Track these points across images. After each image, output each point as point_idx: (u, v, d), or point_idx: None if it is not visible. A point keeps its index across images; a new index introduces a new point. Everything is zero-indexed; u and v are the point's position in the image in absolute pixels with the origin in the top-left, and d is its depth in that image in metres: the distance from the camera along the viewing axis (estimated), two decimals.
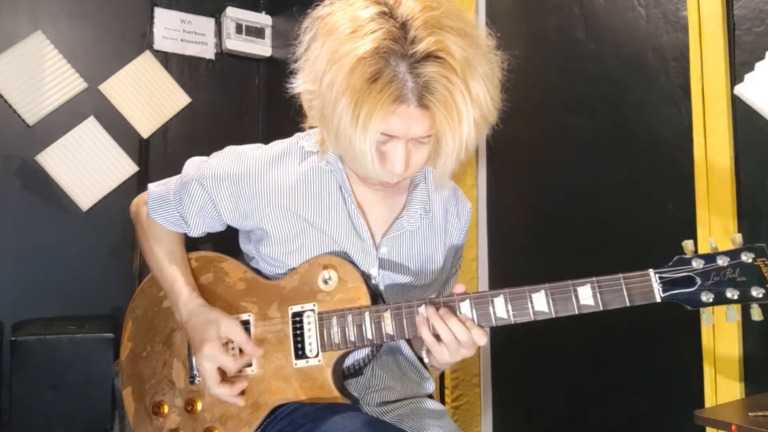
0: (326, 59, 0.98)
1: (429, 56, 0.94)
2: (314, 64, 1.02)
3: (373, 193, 1.19)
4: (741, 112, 1.48)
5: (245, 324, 1.18)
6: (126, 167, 3.29)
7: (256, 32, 3.65)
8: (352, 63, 0.94)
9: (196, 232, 1.28)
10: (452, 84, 0.94)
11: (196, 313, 1.16)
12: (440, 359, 1.06)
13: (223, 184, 1.19)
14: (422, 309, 1.06)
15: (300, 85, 1.07)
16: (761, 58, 1.44)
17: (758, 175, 1.46)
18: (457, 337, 1.02)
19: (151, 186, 1.32)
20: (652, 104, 1.72)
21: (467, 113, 0.96)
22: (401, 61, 0.94)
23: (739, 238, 0.97)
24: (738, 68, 1.49)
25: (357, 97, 0.94)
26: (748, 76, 1.45)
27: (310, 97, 1.05)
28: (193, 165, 1.27)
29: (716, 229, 1.50)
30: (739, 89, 1.46)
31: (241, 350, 1.14)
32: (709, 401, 1.51)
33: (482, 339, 1.04)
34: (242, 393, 1.14)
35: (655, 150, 1.71)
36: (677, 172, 1.62)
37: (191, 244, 1.33)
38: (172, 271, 1.24)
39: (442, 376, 2.34)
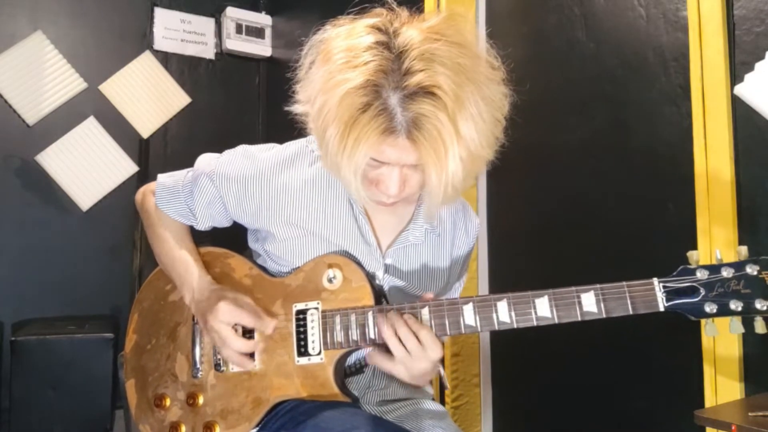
0: (319, 87, 0.99)
1: (420, 90, 0.93)
2: (309, 89, 1.03)
3: None
4: (741, 112, 1.49)
5: None
6: (126, 167, 3.30)
7: (256, 32, 3.65)
8: (342, 93, 0.94)
9: (202, 225, 1.30)
10: (440, 122, 0.93)
11: (209, 290, 1.18)
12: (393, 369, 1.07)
13: (231, 183, 1.20)
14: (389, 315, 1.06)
15: (298, 107, 1.08)
16: (761, 58, 1.44)
17: (758, 176, 1.46)
18: (407, 348, 1.03)
19: (160, 176, 1.34)
20: (652, 104, 1.72)
21: (453, 152, 0.94)
22: (393, 93, 0.93)
23: (744, 250, 0.96)
24: (738, 68, 1.49)
25: (344, 126, 0.94)
26: (748, 76, 1.46)
27: (307, 119, 1.07)
28: (205, 160, 1.28)
29: (716, 229, 1.50)
30: (739, 89, 1.47)
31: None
32: (709, 401, 1.51)
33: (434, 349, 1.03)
34: (252, 358, 1.15)
35: (654, 150, 1.71)
36: (677, 172, 1.62)
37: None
38: (183, 255, 1.26)
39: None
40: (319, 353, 1.12)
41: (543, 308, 1.02)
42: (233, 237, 1.35)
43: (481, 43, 1.03)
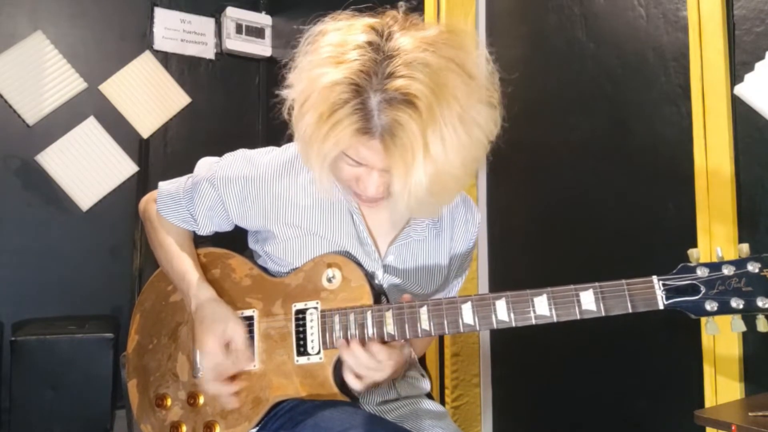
0: (303, 76, 1.00)
1: (399, 96, 0.92)
2: (295, 77, 1.04)
3: None
4: (741, 112, 1.49)
5: (249, 319, 1.19)
6: (126, 167, 3.29)
7: (256, 32, 3.65)
8: (321, 88, 0.95)
9: (204, 230, 1.30)
10: (412, 133, 0.92)
11: (206, 306, 1.18)
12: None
13: (232, 186, 1.21)
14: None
15: (284, 91, 1.08)
16: (761, 58, 1.44)
17: (758, 175, 1.46)
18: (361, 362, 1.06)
19: (161, 184, 1.34)
20: (652, 104, 1.72)
21: (419, 166, 0.94)
22: (373, 94, 0.93)
23: (746, 247, 0.95)
24: (738, 68, 1.49)
25: (320, 117, 0.95)
26: (748, 76, 1.46)
27: (290, 104, 1.07)
28: (205, 165, 1.28)
29: (716, 229, 1.50)
30: (739, 89, 1.47)
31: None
32: (709, 401, 1.51)
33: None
34: (237, 394, 1.16)
35: (655, 150, 1.71)
36: (677, 172, 1.62)
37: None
38: (181, 264, 1.26)
39: (442, 376, 2.34)
40: (319, 353, 1.12)
41: (542, 307, 1.01)
42: (233, 238, 1.35)
43: (479, 62, 1.01)
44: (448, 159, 0.95)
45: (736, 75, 1.50)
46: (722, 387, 1.49)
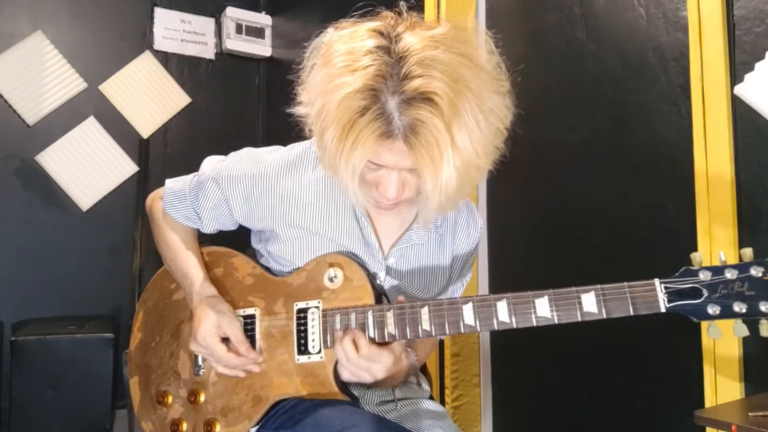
0: (319, 90, 1.00)
1: (418, 96, 0.93)
2: (310, 92, 1.04)
3: None
4: (741, 112, 1.49)
5: (251, 318, 1.20)
6: (126, 167, 3.30)
7: (256, 32, 3.66)
8: (341, 97, 0.95)
9: (208, 228, 1.31)
10: (437, 129, 0.93)
11: (206, 302, 1.19)
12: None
13: (238, 185, 1.21)
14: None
15: (299, 108, 1.09)
16: (761, 58, 1.44)
17: (758, 175, 1.46)
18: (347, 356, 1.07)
19: (168, 181, 1.35)
20: (652, 104, 1.72)
21: (448, 160, 0.95)
22: (391, 97, 0.94)
23: (749, 252, 0.95)
24: (738, 68, 1.50)
25: (342, 129, 0.95)
26: (748, 76, 1.46)
27: (308, 120, 1.07)
28: (210, 164, 1.29)
29: (716, 229, 1.50)
30: (739, 89, 1.47)
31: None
32: (709, 401, 1.51)
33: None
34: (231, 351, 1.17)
35: (654, 150, 1.71)
36: (677, 172, 1.62)
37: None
38: (185, 262, 1.27)
39: (442, 376, 2.34)
40: (319, 352, 1.12)
41: (543, 309, 1.01)
42: (236, 237, 1.35)
43: (486, 55, 1.02)
44: (474, 150, 0.97)
45: (736, 75, 1.50)
46: (722, 387, 1.49)
